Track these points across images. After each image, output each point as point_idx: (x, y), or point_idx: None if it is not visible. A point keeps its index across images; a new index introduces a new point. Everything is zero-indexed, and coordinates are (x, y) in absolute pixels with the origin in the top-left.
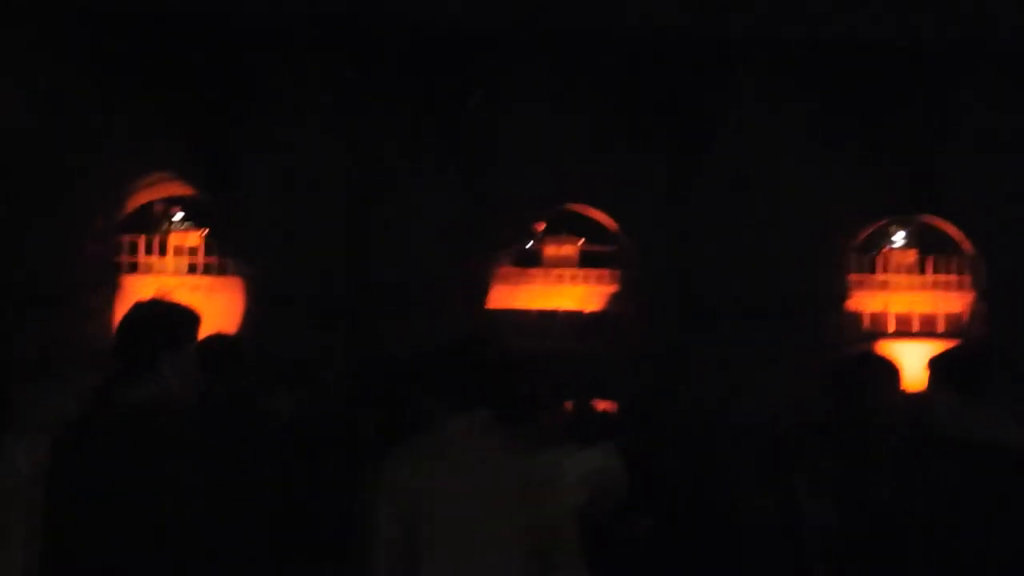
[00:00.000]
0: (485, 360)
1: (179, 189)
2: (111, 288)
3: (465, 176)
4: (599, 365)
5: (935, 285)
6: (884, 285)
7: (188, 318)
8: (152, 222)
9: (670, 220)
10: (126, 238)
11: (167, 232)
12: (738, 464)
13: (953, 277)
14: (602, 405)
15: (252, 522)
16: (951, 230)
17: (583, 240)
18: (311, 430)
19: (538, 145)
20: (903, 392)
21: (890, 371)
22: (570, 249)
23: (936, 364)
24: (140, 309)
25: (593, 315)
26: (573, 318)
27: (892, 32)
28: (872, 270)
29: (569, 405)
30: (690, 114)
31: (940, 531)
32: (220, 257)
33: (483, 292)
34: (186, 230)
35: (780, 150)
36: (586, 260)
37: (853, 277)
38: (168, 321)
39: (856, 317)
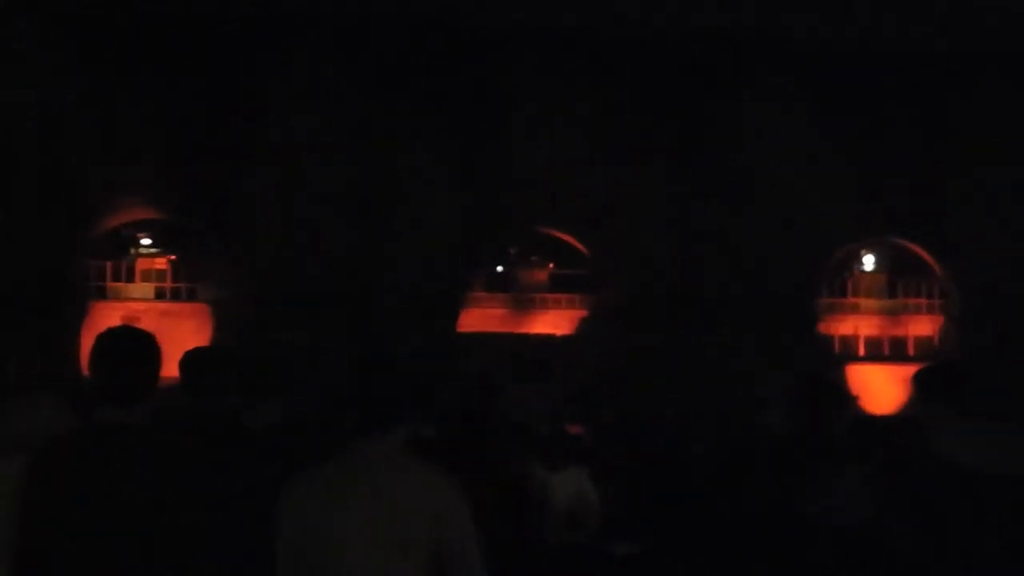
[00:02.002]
0: (400, 379)
1: (147, 213)
2: (79, 312)
3: (465, 186)
4: (572, 388)
5: (906, 309)
6: (855, 308)
7: (157, 346)
8: (119, 247)
9: (662, 229)
10: (93, 262)
11: (135, 257)
12: (724, 475)
13: (923, 301)
14: (573, 429)
15: (240, 540)
16: (922, 254)
17: (552, 264)
18: (292, 441)
19: (536, 157)
20: (856, 413)
21: (840, 397)
22: (541, 274)
23: (920, 379)
24: (123, 336)
25: (567, 338)
26: (546, 341)
27: (895, 45)
28: (843, 293)
29: (542, 429)
30: (689, 123)
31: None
32: (188, 283)
33: (458, 311)
34: (153, 256)
35: (779, 160)
36: (558, 284)
37: (824, 300)
38: (152, 348)
39: (827, 340)
